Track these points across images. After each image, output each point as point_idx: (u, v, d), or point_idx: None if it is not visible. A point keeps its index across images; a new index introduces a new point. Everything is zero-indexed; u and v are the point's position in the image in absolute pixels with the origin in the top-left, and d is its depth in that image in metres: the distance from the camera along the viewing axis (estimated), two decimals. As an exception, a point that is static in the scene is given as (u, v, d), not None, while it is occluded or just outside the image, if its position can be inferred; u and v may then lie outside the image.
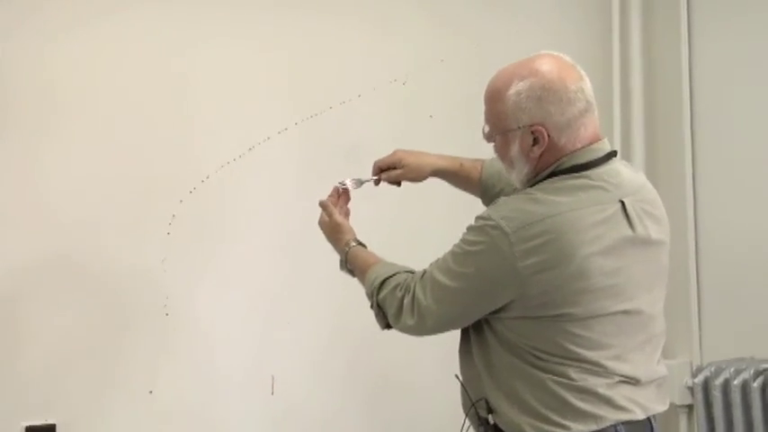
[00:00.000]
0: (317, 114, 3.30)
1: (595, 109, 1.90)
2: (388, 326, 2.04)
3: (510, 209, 1.83)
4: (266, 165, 3.27)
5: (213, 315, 3.26)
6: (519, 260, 1.77)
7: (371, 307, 2.05)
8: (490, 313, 1.87)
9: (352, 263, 2.20)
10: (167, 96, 3.15)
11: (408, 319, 1.94)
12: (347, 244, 2.22)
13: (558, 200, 1.81)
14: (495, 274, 1.82)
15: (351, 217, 2.36)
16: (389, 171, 2.38)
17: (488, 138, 1.94)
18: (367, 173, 2.47)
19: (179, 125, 3.18)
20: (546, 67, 1.86)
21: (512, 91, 1.86)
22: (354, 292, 2.28)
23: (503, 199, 1.91)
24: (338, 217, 2.28)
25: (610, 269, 1.81)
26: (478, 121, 2.01)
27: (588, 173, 1.86)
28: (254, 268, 3.30)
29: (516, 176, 1.93)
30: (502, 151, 1.93)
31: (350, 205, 2.39)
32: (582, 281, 1.78)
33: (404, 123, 3.44)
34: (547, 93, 1.83)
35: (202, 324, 3.24)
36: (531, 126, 1.84)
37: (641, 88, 3.82)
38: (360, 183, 2.33)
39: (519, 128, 1.85)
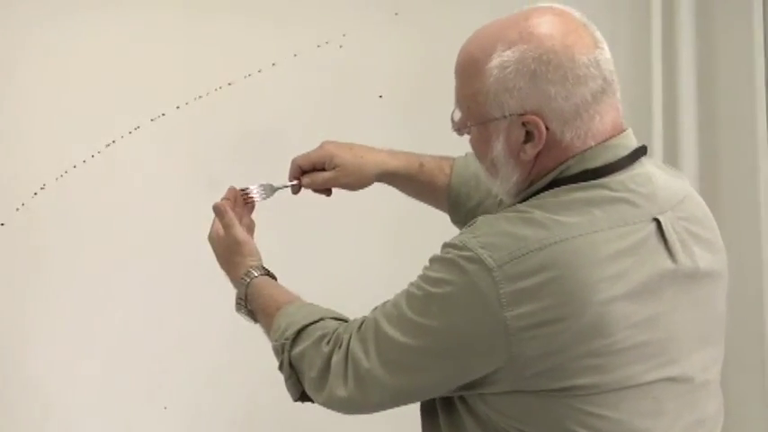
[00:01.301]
0: (208, 94, 2.91)
1: (617, 89, 1.67)
2: (304, 397, 1.83)
3: (494, 233, 1.61)
4: (132, 166, 2.90)
5: (55, 382, 2.87)
6: (507, 308, 1.55)
7: (280, 368, 1.84)
8: (465, 386, 1.64)
9: (254, 300, 1.97)
10: None
11: (339, 388, 1.72)
12: (248, 273, 1.99)
13: (563, 220, 1.60)
14: (471, 328, 1.59)
15: (256, 233, 2.13)
16: (314, 174, 2.15)
17: (459, 128, 1.72)
18: (282, 177, 2.19)
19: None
20: (544, 28, 1.64)
21: (494, 62, 1.63)
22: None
23: (482, 218, 1.68)
24: (239, 231, 2.05)
25: (641, 319, 1.60)
26: (448, 103, 1.76)
27: (606, 180, 1.65)
28: (114, 318, 2.90)
29: (501, 186, 1.72)
30: (480, 149, 1.72)
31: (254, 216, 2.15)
32: (600, 338, 1.57)
33: (340, 105, 3.10)
34: (545, 67, 1.61)
35: (39, 393, 2.86)
36: (523, 115, 1.62)
37: (693, 67, 3.39)
38: (272, 190, 2.10)
39: (504, 117, 1.63)
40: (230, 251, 2.08)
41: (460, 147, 1.94)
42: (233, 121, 2.97)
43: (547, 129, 1.64)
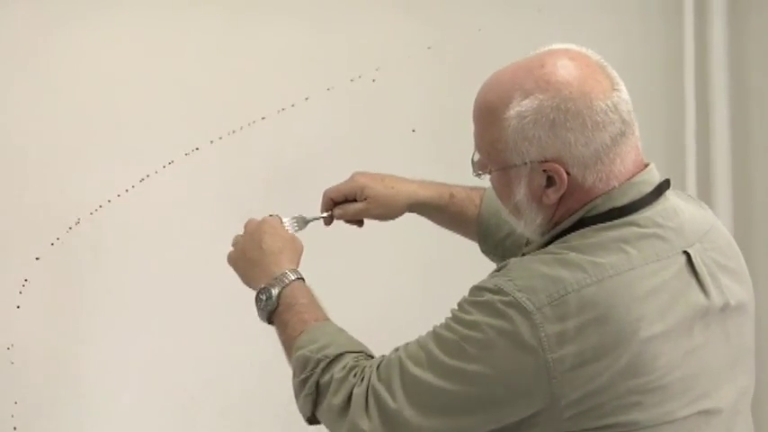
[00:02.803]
0: (242, 128, 2.86)
1: (635, 127, 1.66)
2: (313, 419, 1.78)
3: (530, 276, 1.58)
4: (166, 200, 2.85)
5: (91, 410, 2.79)
6: (549, 351, 1.53)
7: (303, 382, 1.76)
8: (503, 429, 1.61)
9: (288, 302, 1.89)
10: (8, 125, 2.74)
11: (362, 421, 1.65)
12: (284, 275, 1.92)
13: (599, 261, 1.58)
14: (512, 372, 1.56)
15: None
16: (346, 205, 2.16)
17: (479, 171, 1.73)
18: (315, 210, 2.21)
19: (31, 160, 2.77)
20: (561, 75, 1.62)
21: (512, 112, 1.62)
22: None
23: (515, 261, 1.65)
24: (286, 230, 2.06)
25: (678, 355, 1.59)
26: None
27: (634, 217, 1.64)
28: (148, 350, 2.83)
29: (526, 227, 1.71)
30: (502, 193, 1.71)
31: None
32: (640, 376, 1.56)
33: (372, 139, 3.05)
34: (564, 115, 1.60)
35: (75, 417, 2.77)
36: (543, 162, 1.61)
37: (725, 88, 3.35)
38: (304, 222, 2.10)
39: (525, 164, 1.63)
40: (276, 247, 2.01)
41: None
42: (266, 155, 2.92)
43: (568, 174, 1.62)
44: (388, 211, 2.19)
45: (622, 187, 1.66)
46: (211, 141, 2.82)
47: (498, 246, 2.09)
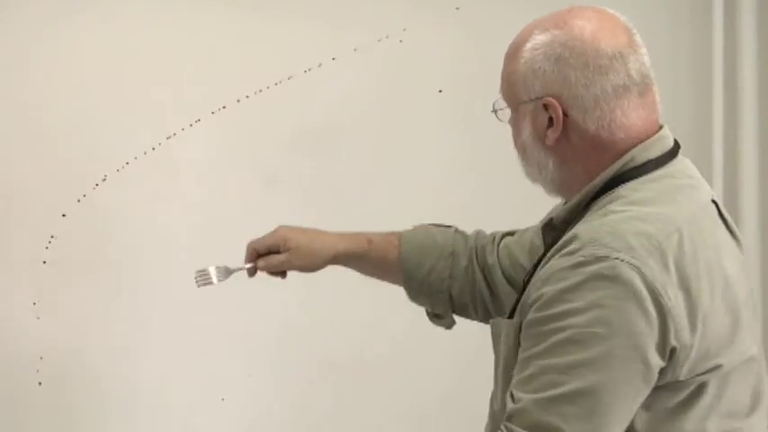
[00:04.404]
0: (269, 87, 2.87)
1: (647, 91, 1.67)
2: None
3: (619, 236, 1.56)
4: (192, 158, 2.87)
5: (112, 382, 2.81)
6: (666, 298, 1.54)
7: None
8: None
9: None
10: (37, 81, 2.75)
11: None
12: None
13: (664, 211, 1.60)
14: (642, 334, 1.54)
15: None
16: (270, 257, 2.15)
17: (496, 110, 1.76)
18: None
19: (58, 116, 2.77)
20: (580, 19, 1.65)
21: (528, 45, 1.66)
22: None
23: (588, 229, 1.61)
24: None
25: (743, 295, 1.66)
26: None
27: (669, 170, 1.66)
28: (172, 313, 2.85)
29: (539, 173, 1.71)
30: (514, 133, 1.74)
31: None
32: (729, 313, 1.61)
33: (399, 99, 3.03)
34: (569, 52, 1.63)
35: (96, 397, 2.81)
36: (543, 97, 1.64)
37: (755, 70, 3.27)
38: (228, 272, 2.15)
39: (531, 100, 1.66)
40: None
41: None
42: (292, 114, 2.93)
43: (567, 115, 1.65)
44: (310, 263, 2.18)
45: (652, 140, 1.68)
46: (238, 100, 2.83)
47: (423, 283, 2.08)
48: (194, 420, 2.85)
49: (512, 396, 1.57)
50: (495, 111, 1.77)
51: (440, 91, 3.03)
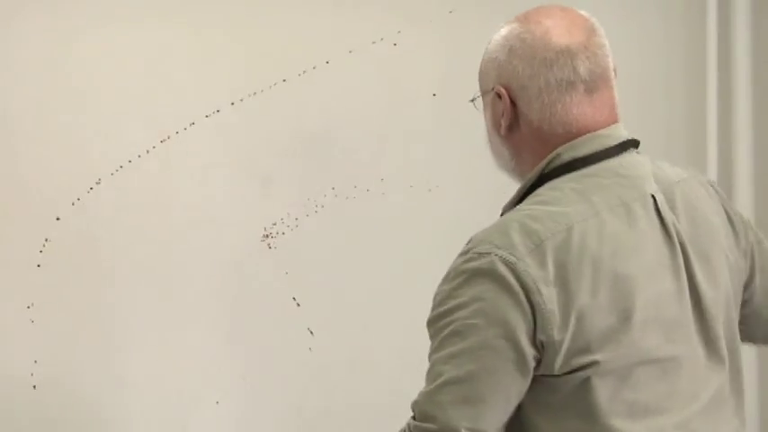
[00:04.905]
0: (263, 90, 2.84)
1: (602, 93, 1.69)
2: None
3: (504, 234, 1.62)
4: (186, 161, 2.83)
5: (106, 386, 2.78)
6: (536, 293, 1.57)
7: None
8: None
9: None
10: (30, 86, 2.73)
11: None
12: None
13: (566, 210, 1.62)
14: (513, 323, 1.58)
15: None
16: None
17: (476, 104, 1.81)
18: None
19: (52, 119, 2.75)
20: (541, 15, 1.70)
21: (493, 38, 1.73)
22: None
23: (485, 231, 1.68)
24: None
25: (654, 295, 1.65)
26: None
27: (595, 168, 1.67)
28: (166, 317, 2.81)
29: (498, 161, 1.79)
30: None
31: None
32: (620, 311, 1.61)
33: (393, 102, 3.00)
34: (520, 44, 1.67)
35: (90, 401, 2.76)
36: (495, 86, 1.70)
37: (749, 69, 3.26)
38: None
39: (490, 90, 1.72)
40: None
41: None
42: (287, 117, 2.90)
43: (515, 105, 1.68)
44: None
45: (584, 138, 1.69)
46: (232, 103, 2.81)
47: None
48: (189, 423, 2.83)
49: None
50: (472, 100, 1.81)
51: (434, 94, 3.01)
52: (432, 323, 1.64)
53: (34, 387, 2.66)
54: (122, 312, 2.78)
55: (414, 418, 1.63)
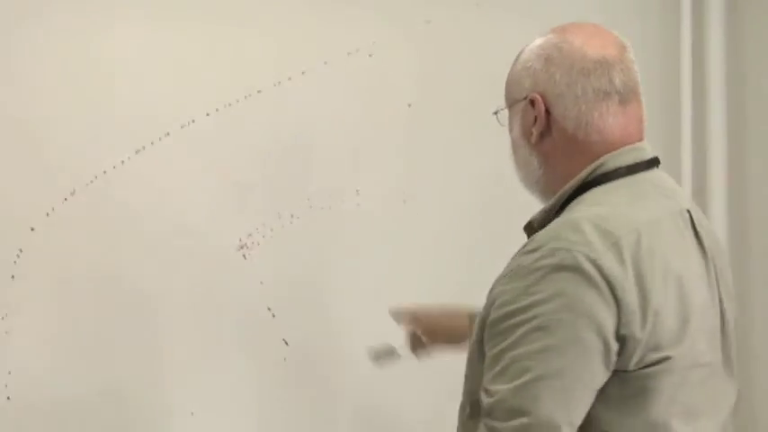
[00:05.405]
0: (238, 101, 2.83)
1: (634, 106, 1.72)
2: None
3: (580, 233, 1.59)
4: (161, 172, 2.80)
5: (81, 398, 2.72)
6: (620, 290, 1.57)
7: None
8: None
9: None
10: (9, 89, 2.68)
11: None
12: None
13: (628, 213, 1.64)
14: (599, 317, 1.58)
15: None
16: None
17: (500, 117, 1.81)
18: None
19: (25, 130, 2.70)
20: (576, 28, 1.73)
21: (527, 48, 1.74)
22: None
23: (549, 231, 1.65)
24: None
25: (700, 300, 1.68)
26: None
27: (637, 178, 1.69)
28: (141, 327, 2.78)
29: (521, 170, 1.78)
30: (510, 132, 1.79)
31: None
32: (681, 311, 1.64)
33: (369, 113, 3.00)
34: (558, 53, 1.69)
35: (64, 413, 2.70)
36: (530, 94, 1.70)
37: (722, 71, 3.33)
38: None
39: (523, 98, 1.71)
40: None
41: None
42: (262, 128, 2.87)
43: (549, 113, 1.70)
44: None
45: (626, 149, 1.71)
46: (207, 114, 2.79)
47: None
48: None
49: (486, 392, 1.58)
50: (496, 113, 1.81)
51: (409, 105, 3.02)
52: (502, 320, 1.60)
53: (8, 398, 2.62)
54: (97, 323, 2.74)
55: (491, 417, 1.59)
